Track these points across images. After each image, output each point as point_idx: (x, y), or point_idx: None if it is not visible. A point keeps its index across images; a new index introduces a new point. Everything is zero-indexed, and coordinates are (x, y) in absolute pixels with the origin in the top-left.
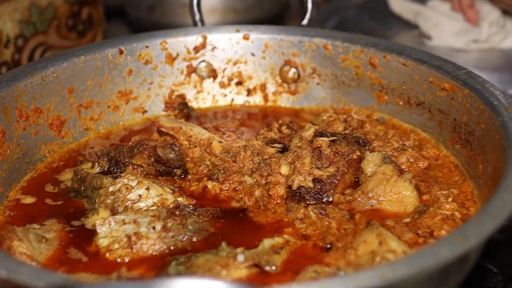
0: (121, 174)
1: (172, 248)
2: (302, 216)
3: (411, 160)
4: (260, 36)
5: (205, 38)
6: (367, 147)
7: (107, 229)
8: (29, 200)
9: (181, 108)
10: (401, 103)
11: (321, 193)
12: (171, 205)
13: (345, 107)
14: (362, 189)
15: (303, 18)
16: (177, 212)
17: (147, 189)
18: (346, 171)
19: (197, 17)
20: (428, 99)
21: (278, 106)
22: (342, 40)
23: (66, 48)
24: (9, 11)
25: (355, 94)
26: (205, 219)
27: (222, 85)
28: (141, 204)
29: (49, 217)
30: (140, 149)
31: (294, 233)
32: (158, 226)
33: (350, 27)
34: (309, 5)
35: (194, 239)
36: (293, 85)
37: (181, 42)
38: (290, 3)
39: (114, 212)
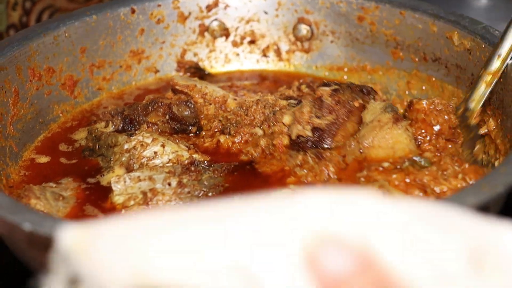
0: (136, 132)
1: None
2: (300, 162)
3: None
4: None
5: None
6: (371, 96)
7: (122, 186)
8: (43, 159)
9: (193, 71)
10: (416, 59)
11: (320, 142)
12: (186, 161)
13: (359, 64)
14: (354, 136)
15: None
16: (192, 168)
17: (163, 146)
18: (346, 119)
19: None
20: (444, 54)
21: (297, 71)
22: None
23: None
24: None
25: (369, 51)
26: (220, 174)
27: (235, 44)
28: (157, 161)
29: (64, 175)
30: (155, 107)
31: (297, 182)
32: (174, 182)
33: None
34: None
35: (210, 195)
36: (307, 43)
37: (194, 0)
38: None
39: (129, 170)
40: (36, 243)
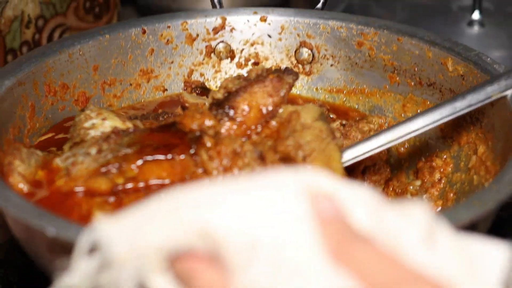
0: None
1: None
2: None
3: None
4: (277, 18)
5: (224, 19)
6: (293, 77)
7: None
8: None
9: (199, 91)
10: (412, 83)
11: (225, 102)
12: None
13: (358, 87)
14: (294, 136)
15: (317, 2)
16: (113, 136)
17: (104, 119)
18: (254, 83)
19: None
20: (439, 79)
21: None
22: (356, 23)
23: (83, 30)
24: None
25: (368, 75)
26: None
27: (239, 66)
28: (92, 132)
29: None
30: (165, 117)
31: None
32: (93, 151)
33: (357, 13)
34: None
35: (129, 151)
36: (308, 66)
37: (201, 23)
38: None
39: (72, 143)
40: (59, 247)
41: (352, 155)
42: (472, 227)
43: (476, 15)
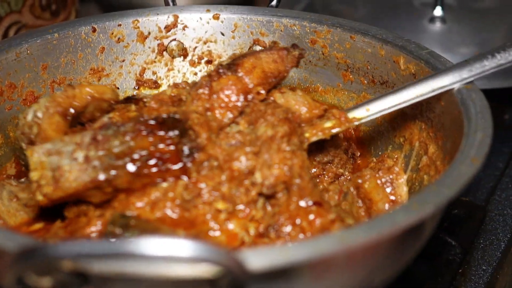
0: None
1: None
2: None
3: None
4: (230, 16)
5: (176, 17)
6: (299, 50)
7: (36, 159)
8: (11, 171)
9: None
10: (365, 82)
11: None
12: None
13: (312, 85)
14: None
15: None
16: (100, 137)
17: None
18: (260, 51)
19: None
20: (392, 78)
21: None
22: (309, 21)
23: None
24: None
25: (321, 73)
26: (134, 136)
27: (192, 64)
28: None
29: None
30: (134, 101)
31: None
32: (80, 157)
33: (318, 10)
34: None
35: (120, 163)
36: None
37: (153, 21)
38: None
39: (29, 142)
40: None
41: (378, 107)
42: (415, 228)
43: (438, 11)
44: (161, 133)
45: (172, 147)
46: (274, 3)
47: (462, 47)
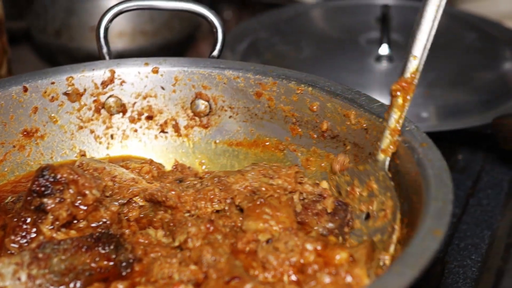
0: None
1: None
2: None
3: None
4: (170, 69)
5: (113, 72)
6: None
7: None
8: None
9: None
10: (315, 135)
11: None
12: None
13: (259, 139)
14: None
15: (213, 49)
16: (40, 255)
17: None
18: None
19: (104, 49)
20: (342, 132)
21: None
22: (253, 72)
23: None
24: None
25: (268, 127)
26: (73, 253)
27: (132, 120)
28: None
29: None
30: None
31: None
32: (23, 276)
33: (262, 51)
34: (220, 35)
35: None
36: (205, 118)
37: (88, 77)
38: (200, 23)
39: None
40: None
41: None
42: None
43: (384, 50)
44: (98, 248)
45: (111, 263)
46: (215, 53)
47: None
